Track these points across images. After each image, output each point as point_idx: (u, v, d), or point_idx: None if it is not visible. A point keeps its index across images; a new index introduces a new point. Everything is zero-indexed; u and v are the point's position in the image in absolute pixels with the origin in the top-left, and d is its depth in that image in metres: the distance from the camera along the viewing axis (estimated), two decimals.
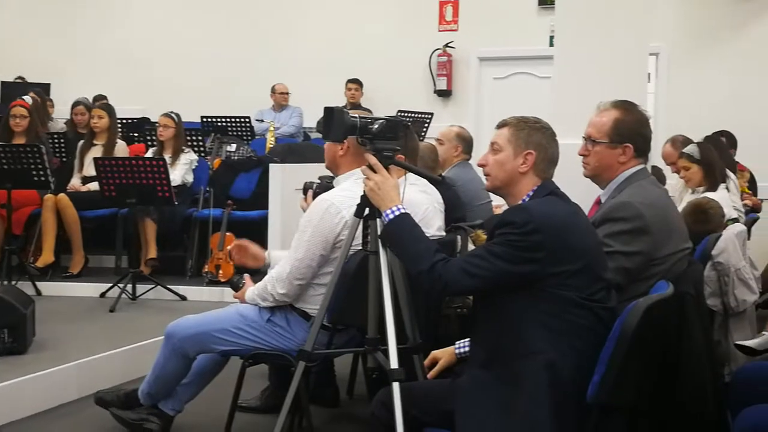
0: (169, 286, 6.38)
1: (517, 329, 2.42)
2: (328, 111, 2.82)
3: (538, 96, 7.42)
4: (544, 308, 2.39)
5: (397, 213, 2.63)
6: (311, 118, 8.98)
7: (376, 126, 2.78)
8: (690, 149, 5.16)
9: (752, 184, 6.87)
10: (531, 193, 2.60)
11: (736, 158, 6.95)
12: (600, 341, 2.33)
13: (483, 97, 9.37)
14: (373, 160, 2.73)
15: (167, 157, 6.98)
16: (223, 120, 8.44)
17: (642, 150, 3.09)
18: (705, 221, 4.24)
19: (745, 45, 8.13)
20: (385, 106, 8.33)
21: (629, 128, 3.07)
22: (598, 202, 3.25)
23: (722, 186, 5.08)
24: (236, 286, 3.47)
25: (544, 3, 8.72)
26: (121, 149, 7.36)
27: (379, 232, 2.75)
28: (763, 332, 4.46)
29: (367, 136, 2.79)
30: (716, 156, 5.20)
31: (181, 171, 7.18)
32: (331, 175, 3.43)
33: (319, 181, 3.45)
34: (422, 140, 7.19)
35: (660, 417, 2.58)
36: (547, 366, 2.34)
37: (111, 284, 6.28)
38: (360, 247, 2.97)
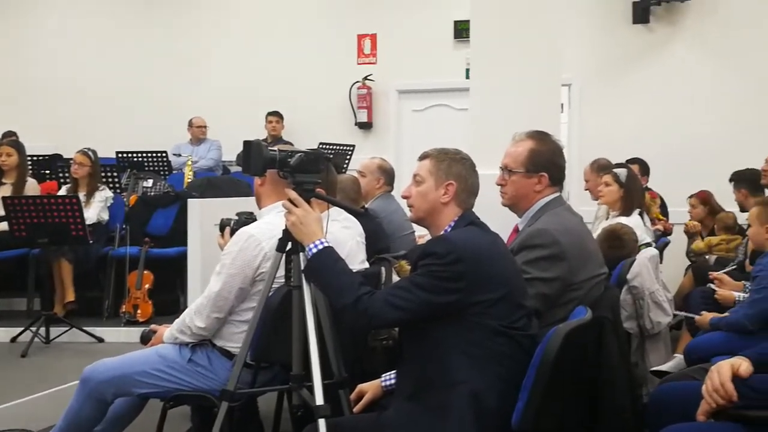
0: (84, 328, 6.20)
1: (442, 359, 2.44)
2: (247, 144, 2.81)
3: (456, 127, 7.55)
4: (468, 337, 2.42)
5: (320, 247, 2.62)
6: (231, 152, 8.90)
7: (295, 159, 2.77)
8: (620, 172, 5.32)
9: (662, 208, 7.10)
10: (453, 224, 2.64)
11: (648, 185, 7.19)
12: (522, 368, 2.36)
13: (403, 129, 9.46)
14: (293, 194, 2.72)
15: (81, 194, 6.82)
16: (140, 155, 8.29)
17: (557, 178, 3.17)
18: (620, 246, 4.35)
19: (652, 74, 8.42)
20: (307, 139, 8.34)
21: (544, 158, 3.15)
22: (516, 230, 3.31)
23: (636, 212, 5.24)
24: (146, 339, 3.42)
25: (460, 36, 8.89)
26: (32, 187, 7.13)
27: (302, 267, 2.73)
28: (675, 354, 4.59)
29: (287, 170, 2.78)
30: (639, 185, 5.38)
31: (96, 209, 7.02)
32: (250, 211, 3.40)
33: (236, 218, 3.40)
34: (344, 172, 7.22)
35: None
36: (472, 395, 2.37)
37: (23, 328, 6.07)
38: (283, 282, 2.94)
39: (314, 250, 2.62)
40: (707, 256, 6.24)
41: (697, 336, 4.37)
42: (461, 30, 8.80)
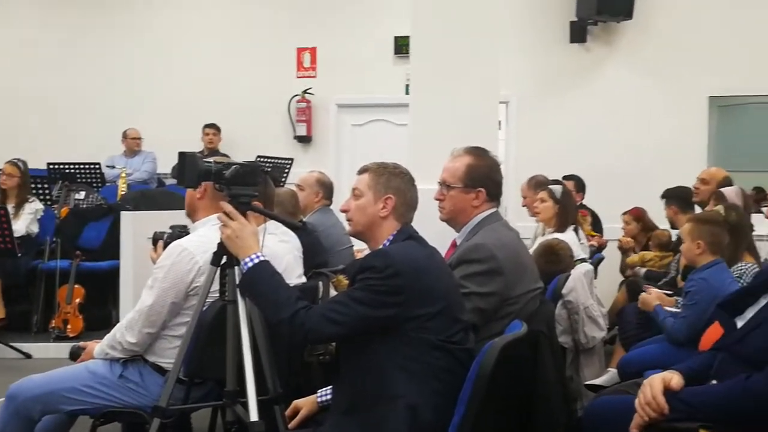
0: (11, 344, 6.03)
1: (379, 374, 2.43)
2: (181, 156, 2.77)
3: (396, 142, 7.56)
4: (405, 352, 2.41)
5: (256, 261, 2.59)
6: (167, 164, 8.77)
7: (230, 171, 2.73)
8: (555, 188, 5.39)
9: (597, 224, 7.22)
10: (391, 238, 2.65)
11: (584, 201, 7.30)
12: (459, 382, 2.36)
13: (342, 143, 9.46)
14: (228, 207, 2.68)
15: (10, 206, 6.65)
16: (72, 166, 8.10)
17: (494, 194, 3.20)
18: (556, 261, 4.41)
19: (588, 92, 8.59)
20: (245, 152, 8.26)
21: (482, 173, 3.18)
22: (454, 245, 3.32)
23: (571, 228, 5.31)
24: (76, 355, 3.33)
25: (400, 52, 8.93)
26: None
27: (237, 281, 2.69)
28: (609, 368, 4.66)
29: (222, 182, 2.75)
30: (574, 202, 5.45)
31: (25, 221, 6.85)
32: (183, 224, 3.34)
33: (170, 231, 3.33)
34: (283, 186, 7.18)
35: None
36: (408, 409, 2.36)
37: None
38: (217, 296, 2.89)
39: (250, 264, 2.58)
40: (637, 268, 6.36)
41: (630, 351, 4.45)
42: (401, 46, 8.84)
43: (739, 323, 2.44)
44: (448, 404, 2.36)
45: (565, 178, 6.81)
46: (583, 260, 4.90)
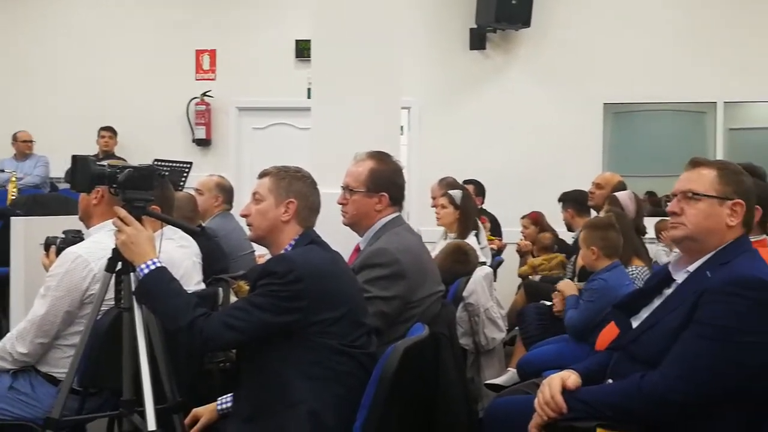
0: None
1: (281, 380, 2.41)
2: (74, 159, 2.69)
3: (299, 146, 7.51)
4: (307, 357, 2.40)
5: (152, 267, 2.53)
6: (61, 168, 8.48)
7: (123, 174, 2.65)
8: (455, 193, 5.45)
9: (496, 228, 7.35)
10: (293, 242, 2.62)
11: (484, 205, 7.42)
12: (362, 386, 2.36)
13: (243, 147, 9.33)
14: (122, 212, 2.60)
15: None
16: None
17: (396, 198, 3.22)
18: (466, 261, 4.48)
19: (489, 99, 8.73)
20: (142, 155, 8.02)
21: (384, 178, 3.19)
22: (357, 249, 3.32)
23: (473, 233, 5.39)
24: None
25: (302, 56, 8.88)
26: None
27: (133, 288, 2.62)
28: (509, 369, 4.75)
29: (116, 186, 2.66)
30: (474, 206, 5.52)
31: None
32: (77, 229, 3.23)
33: (63, 236, 3.21)
34: (181, 190, 7.02)
35: None
36: (310, 415, 2.34)
37: None
38: (112, 304, 2.80)
39: (146, 271, 2.52)
40: (531, 276, 6.52)
41: (530, 351, 4.54)
42: (303, 49, 8.80)
43: (635, 324, 2.51)
44: (351, 409, 2.36)
45: (465, 182, 6.90)
46: (482, 263, 4.97)
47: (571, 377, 2.40)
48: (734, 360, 2.17)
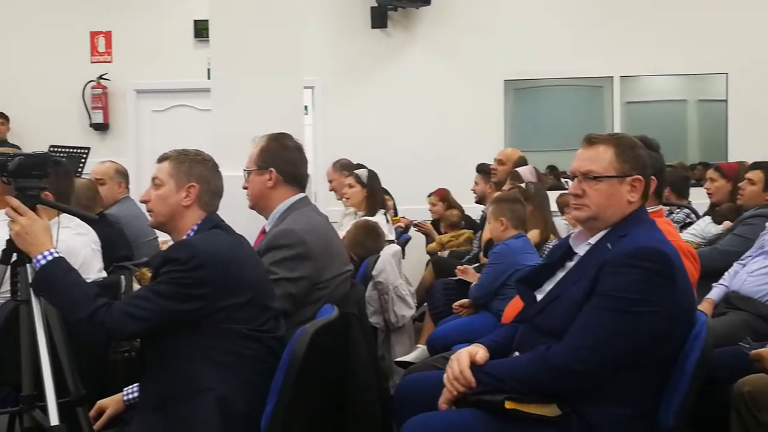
0: None
1: (187, 368, 2.38)
2: None
3: (200, 128, 7.37)
4: (213, 344, 2.37)
5: (49, 258, 2.45)
6: None
7: (14, 162, 2.54)
8: (361, 172, 5.45)
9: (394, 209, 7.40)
10: (196, 228, 2.57)
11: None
12: (272, 371, 2.34)
13: (143, 131, 9.08)
14: (15, 202, 2.51)
15: None
16: None
17: (291, 175, 3.18)
18: (377, 238, 4.51)
19: (391, 77, 8.72)
20: (38, 142, 7.71)
21: (272, 153, 3.19)
22: (263, 231, 3.29)
23: (381, 211, 5.41)
24: None
25: (201, 36, 8.69)
26: None
27: (30, 280, 2.52)
28: (418, 345, 4.80)
29: (6, 174, 2.56)
30: (380, 186, 5.55)
31: None
32: None
33: None
34: (79, 176, 6.81)
35: None
36: (218, 402, 2.32)
37: None
38: (9, 297, 2.70)
39: (43, 262, 2.44)
40: (440, 253, 6.60)
41: (438, 326, 4.60)
42: (201, 30, 8.61)
43: (539, 297, 2.55)
44: (261, 394, 2.35)
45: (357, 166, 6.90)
46: (390, 241, 5.00)
47: (478, 351, 2.44)
48: (635, 329, 2.24)
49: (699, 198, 5.87)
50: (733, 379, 2.81)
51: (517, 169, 5.55)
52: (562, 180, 8.19)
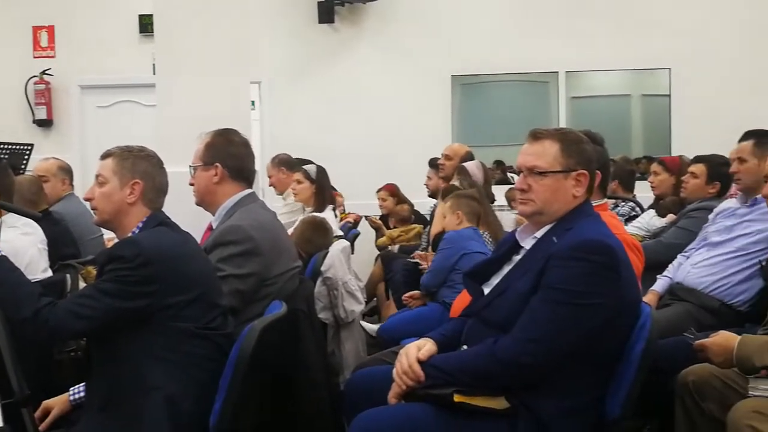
0: None
1: (135, 366, 2.35)
2: None
3: (145, 124, 7.28)
4: (161, 342, 2.34)
5: None
6: None
7: None
8: (309, 168, 5.43)
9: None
10: (141, 225, 2.54)
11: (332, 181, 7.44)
12: (220, 369, 2.33)
13: (87, 127, 8.93)
14: None
15: None
16: None
17: (237, 170, 3.16)
18: (325, 234, 4.51)
19: (339, 72, 8.70)
20: None
21: (218, 149, 3.16)
22: (210, 228, 3.26)
23: (329, 207, 5.40)
24: None
25: (146, 30, 8.57)
26: None
27: None
28: None
29: None
30: (328, 182, 5.54)
31: None
32: None
33: None
34: (23, 173, 6.67)
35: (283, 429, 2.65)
36: (166, 400, 2.30)
37: None
38: None
39: None
40: (390, 247, 6.63)
41: (389, 318, 4.63)
42: (146, 24, 8.49)
43: (486, 290, 2.57)
44: (210, 392, 2.33)
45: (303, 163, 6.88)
46: (339, 237, 5.00)
47: (426, 345, 2.45)
48: (580, 321, 2.27)
49: (643, 191, 5.97)
50: (677, 370, 2.88)
51: (464, 164, 5.58)
52: (509, 174, 8.30)
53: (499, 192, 6.36)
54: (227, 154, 3.15)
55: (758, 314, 3.30)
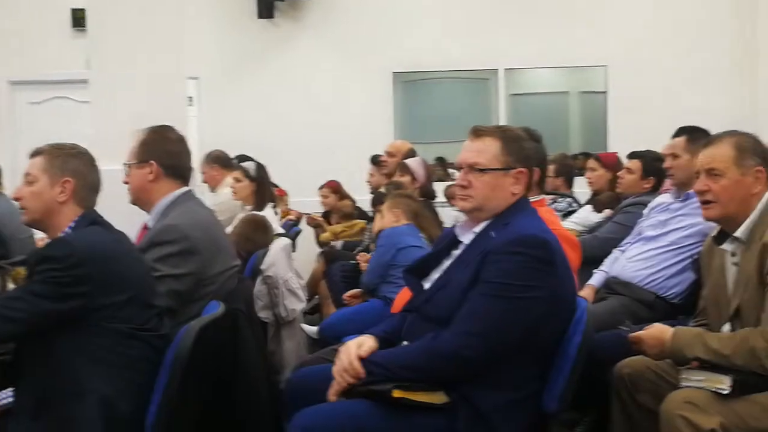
0: None
1: (67, 369, 2.30)
2: None
3: (80, 121, 7.12)
4: (95, 344, 2.29)
5: None
6: None
7: None
8: (249, 165, 5.36)
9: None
10: (73, 224, 2.48)
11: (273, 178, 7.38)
12: (156, 370, 2.30)
13: (19, 124, 8.72)
14: None
15: None
16: None
17: (172, 168, 3.11)
18: (265, 232, 4.48)
19: (279, 68, 8.63)
20: None
21: (152, 145, 3.11)
22: (145, 227, 3.20)
23: (269, 205, 5.34)
24: None
25: (79, 25, 8.38)
26: None
27: None
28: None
29: None
30: (269, 179, 5.48)
31: None
32: None
33: None
34: None
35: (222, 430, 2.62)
36: (101, 403, 2.25)
37: None
38: None
39: None
40: (333, 243, 6.61)
41: (331, 315, 4.62)
42: (79, 18, 8.30)
43: (426, 286, 2.58)
44: (146, 393, 2.29)
45: (242, 157, 6.83)
46: (280, 235, 4.96)
47: (367, 342, 2.44)
48: (518, 314, 2.29)
49: (581, 187, 6.05)
50: (613, 362, 2.92)
51: (405, 160, 5.59)
52: (450, 171, 8.34)
53: (441, 189, 6.40)
54: (163, 151, 3.10)
55: (691, 306, 3.36)
